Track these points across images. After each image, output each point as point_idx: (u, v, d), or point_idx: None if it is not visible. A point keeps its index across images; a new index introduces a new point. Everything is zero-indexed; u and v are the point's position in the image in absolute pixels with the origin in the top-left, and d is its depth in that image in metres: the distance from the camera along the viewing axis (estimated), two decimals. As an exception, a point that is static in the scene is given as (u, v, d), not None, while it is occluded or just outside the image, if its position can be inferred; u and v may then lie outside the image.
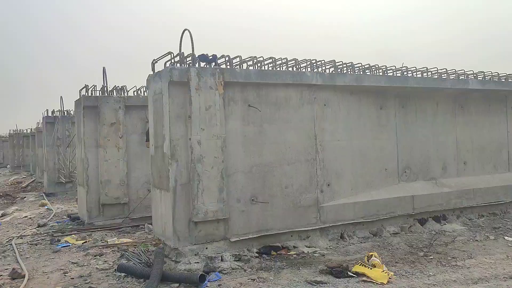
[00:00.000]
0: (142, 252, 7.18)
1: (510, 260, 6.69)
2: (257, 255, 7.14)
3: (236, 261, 6.85)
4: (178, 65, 7.14)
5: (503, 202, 10.19)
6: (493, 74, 10.55)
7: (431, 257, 6.94)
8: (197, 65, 7.13)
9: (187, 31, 7.17)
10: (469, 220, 9.54)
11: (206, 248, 6.92)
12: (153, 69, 7.60)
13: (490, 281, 5.74)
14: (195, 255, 6.79)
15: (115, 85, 10.84)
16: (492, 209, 10.09)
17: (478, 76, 10.35)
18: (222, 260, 6.82)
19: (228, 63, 7.58)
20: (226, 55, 7.54)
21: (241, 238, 7.15)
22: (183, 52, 7.15)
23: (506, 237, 8.13)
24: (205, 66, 7.24)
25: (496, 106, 10.68)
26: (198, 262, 6.63)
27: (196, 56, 7.18)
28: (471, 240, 8.04)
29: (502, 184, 10.26)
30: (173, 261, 6.74)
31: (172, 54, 7.24)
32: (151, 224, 8.19)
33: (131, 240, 8.67)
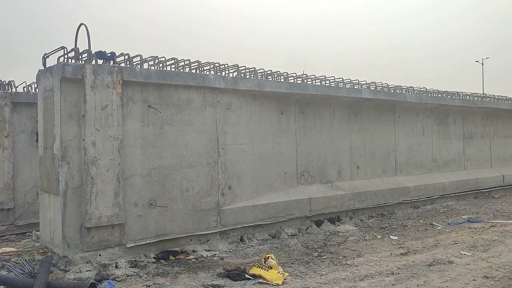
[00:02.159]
0: (26, 261, 6.60)
1: (393, 257, 7.25)
2: (154, 260, 6.94)
3: (132, 267, 6.59)
4: (73, 61, 6.73)
5: (390, 203, 11.05)
6: (383, 85, 11.42)
7: (324, 257, 7.28)
8: (93, 62, 6.77)
9: (83, 25, 6.79)
10: (360, 221, 10.20)
11: (100, 255, 6.56)
12: (44, 64, 7.08)
13: (375, 277, 6.15)
14: (87, 262, 6.41)
15: (0, 80, 9.90)
16: (380, 210, 10.89)
17: (370, 86, 11.13)
18: (116, 267, 6.52)
19: (127, 62, 7.30)
20: (126, 53, 7.27)
21: (138, 244, 6.90)
22: (78, 48, 6.75)
23: (391, 236, 8.81)
24: (103, 63, 6.90)
25: (385, 114, 11.56)
26: (90, 270, 6.26)
27: (93, 52, 6.81)
28: (361, 239, 8.59)
29: (390, 187, 11.12)
30: (61, 270, 6.30)
31: (65, 49, 6.80)
32: (39, 231, 7.58)
33: (15, 249, 7.93)
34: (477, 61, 52.37)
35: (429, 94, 12.56)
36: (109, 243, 6.65)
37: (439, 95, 12.83)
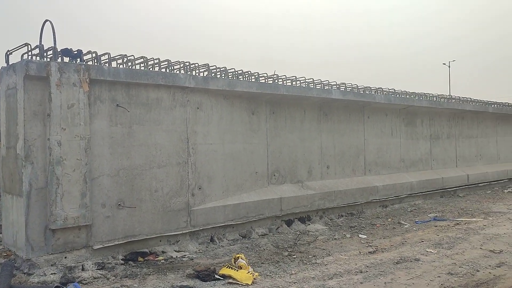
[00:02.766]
0: (-12, 265, 6.37)
1: (362, 255, 7.35)
2: (122, 262, 6.83)
3: (99, 269, 6.46)
4: (38, 58, 6.56)
5: (359, 203, 11.21)
6: (353, 86, 11.58)
7: (294, 256, 7.32)
8: (59, 60, 6.60)
9: (48, 22, 6.61)
10: (330, 220, 10.30)
11: (65, 257, 6.40)
12: (7, 61, 6.87)
13: (344, 276, 6.23)
14: (52, 265, 6.24)
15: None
16: (350, 210, 11.03)
17: (340, 87, 11.27)
18: (83, 269, 6.38)
19: (95, 60, 7.15)
20: (93, 51, 7.12)
21: (105, 245, 6.77)
22: (42, 45, 6.58)
23: (360, 235, 8.94)
24: (69, 61, 6.74)
25: (355, 115, 11.72)
26: (55, 273, 6.10)
27: (59, 50, 6.65)
28: (331, 238, 8.68)
29: (359, 187, 11.29)
30: (25, 273, 6.11)
31: (29, 46, 6.61)
32: (2, 234, 7.34)
33: (-23, 253, 7.66)
34: (444, 64, 53.89)
35: (397, 95, 12.81)
36: (75, 245, 6.51)
37: (407, 96, 13.11)
